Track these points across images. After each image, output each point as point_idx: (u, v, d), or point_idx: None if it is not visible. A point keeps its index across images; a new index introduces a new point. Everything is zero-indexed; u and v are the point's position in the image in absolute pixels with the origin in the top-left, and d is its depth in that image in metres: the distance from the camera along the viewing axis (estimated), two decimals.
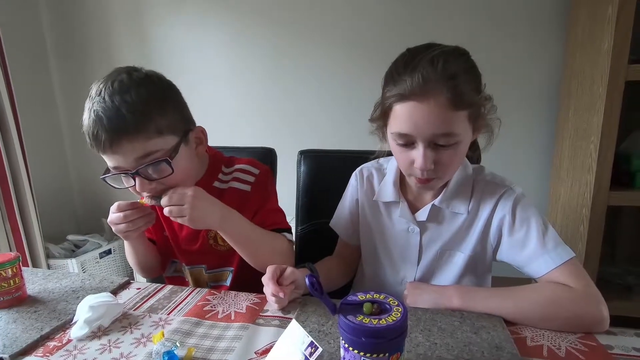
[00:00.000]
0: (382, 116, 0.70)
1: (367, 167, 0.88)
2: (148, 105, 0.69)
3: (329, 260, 0.89)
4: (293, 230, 0.98)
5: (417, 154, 0.66)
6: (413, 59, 0.64)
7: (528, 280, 0.71)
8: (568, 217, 1.47)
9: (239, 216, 0.77)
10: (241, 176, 0.85)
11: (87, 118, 0.69)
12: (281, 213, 0.88)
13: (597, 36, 1.28)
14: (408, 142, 0.67)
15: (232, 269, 0.90)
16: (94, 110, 0.68)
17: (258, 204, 0.84)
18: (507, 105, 0.74)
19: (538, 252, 0.67)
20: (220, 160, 0.87)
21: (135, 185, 0.71)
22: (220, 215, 0.73)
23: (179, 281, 0.95)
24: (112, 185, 0.75)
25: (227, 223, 0.75)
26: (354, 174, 0.89)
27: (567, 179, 1.50)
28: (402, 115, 0.65)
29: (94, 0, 2.05)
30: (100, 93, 0.68)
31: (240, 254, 0.79)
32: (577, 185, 1.41)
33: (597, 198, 1.30)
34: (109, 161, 0.71)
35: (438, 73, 0.61)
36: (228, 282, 0.91)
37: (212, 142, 1.08)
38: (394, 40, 1.74)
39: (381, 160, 0.88)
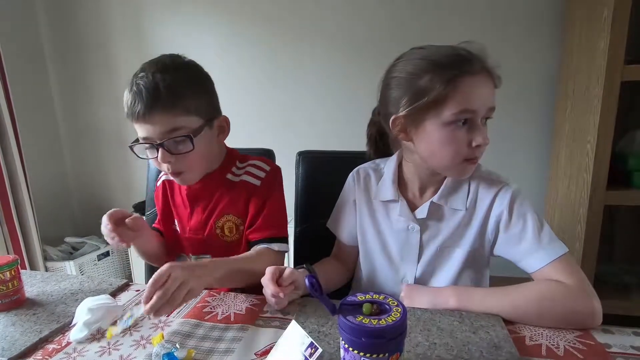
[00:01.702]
0: (432, 103, 0.67)
1: (363, 167, 0.88)
2: (182, 87, 0.76)
3: (326, 262, 0.90)
4: (291, 231, 0.98)
5: (479, 131, 0.68)
6: (452, 47, 0.69)
7: (526, 279, 0.72)
8: (565, 216, 1.48)
9: (214, 265, 0.74)
10: (253, 171, 0.89)
11: (129, 90, 0.76)
12: (280, 218, 0.89)
13: (593, 37, 1.29)
14: (465, 120, 0.67)
15: None
16: (136, 84, 0.75)
17: (263, 199, 0.86)
18: (504, 105, 0.75)
19: (533, 247, 0.69)
20: (235, 156, 0.92)
21: (157, 157, 0.77)
22: (199, 277, 0.68)
23: None
24: (136, 154, 0.80)
25: (207, 279, 0.71)
26: (350, 174, 0.89)
27: (564, 178, 1.50)
28: (470, 90, 0.66)
29: (91, 2, 2.05)
30: (144, 70, 0.76)
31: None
32: (574, 185, 1.42)
33: (594, 197, 1.30)
34: (140, 131, 0.77)
35: (479, 48, 0.68)
36: None
37: None
38: (392, 40, 1.75)
39: (377, 160, 0.88)
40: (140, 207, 2.02)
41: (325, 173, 1.06)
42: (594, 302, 0.62)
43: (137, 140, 0.79)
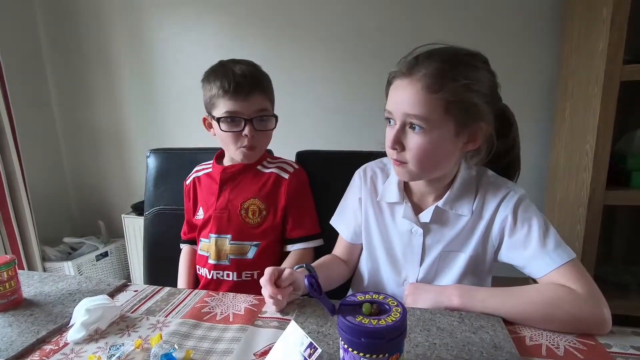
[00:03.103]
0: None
1: (370, 166, 0.88)
2: (269, 80, 0.96)
3: (327, 259, 0.89)
4: None
5: (389, 132, 0.70)
6: (410, 52, 0.70)
7: (527, 280, 0.71)
8: (565, 216, 1.48)
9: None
10: (284, 166, 1.01)
11: (225, 76, 0.89)
12: (311, 216, 1.00)
13: (592, 37, 1.29)
14: (392, 119, 0.71)
15: (256, 243, 0.96)
16: (238, 69, 0.90)
17: (294, 194, 0.98)
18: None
19: (538, 253, 0.67)
20: (265, 153, 1.04)
21: (243, 130, 0.90)
22: None
23: (202, 261, 0.99)
24: (219, 126, 0.92)
25: None
26: (357, 172, 0.89)
27: (564, 178, 1.50)
28: (390, 93, 0.71)
29: (90, 3, 2.04)
30: (237, 64, 0.91)
31: None
32: (573, 185, 1.42)
33: (594, 197, 1.30)
34: (233, 106, 0.89)
35: (429, 56, 0.67)
36: (250, 256, 0.96)
37: (210, 143, 1.08)
38: (390, 41, 1.75)
39: (385, 159, 0.88)
40: (139, 208, 2.01)
41: (324, 173, 1.05)
42: (603, 310, 0.60)
43: (221, 118, 0.91)
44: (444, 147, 0.69)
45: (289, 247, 0.98)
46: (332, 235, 0.93)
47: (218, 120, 0.91)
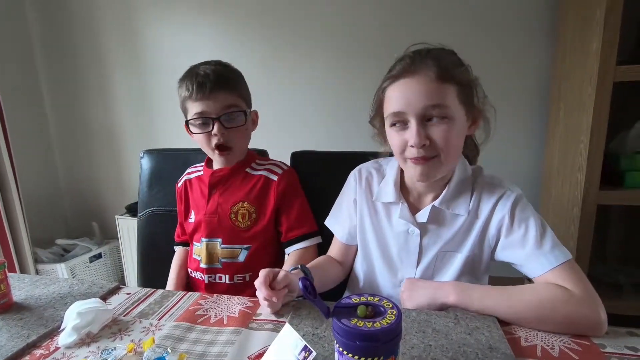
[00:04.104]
0: (378, 108, 0.75)
1: (366, 167, 0.87)
2: (236, 76, 0.95)
3: (322, 260, 0.88)
4: None
5: (410, 131, 0.68)
6: (403, 53, 0.71)
7: (522, 280, 0.71)
8: (559, 216, 1.48)
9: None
10: (272, 168, 1.00)
11: (190, 78, 0.89)
12: (306, 214, 0.98)
13: (586, 38, 1.30)
14: (402, 122, 0.69)
15: (247, 246, 0.95)
16: (202, 70, 0.89)
17: (286, 195, 0.96)
18: (498, 106, 0.75)
19: (534, 253, 0.67)
20: (255, 155, 1.04)
21: (212, 130, 0.90)
22: None
23: (195, 264, 0.99)
24: (190, 130, 0.93)
25: None
26: (352, 173, 0.88)
27: (558, 178, 1.51)
28: (394, 95, 0.70)
29: (83, 2, 2.02)
30: (202, 64, 0.92)
31: None
32: (567, 185, 1.42)
33: (587, 197, 1.31)
34: (199, 107, 0.89)
35: (424, 54, 0.68)
36: (241, 259, 0.95)
37: None
38: (386, 43, 1.75)
39: (380, 160, 0.87)
40: (132, 209, 2.00)
41: (319, 173, 1.05)
42: (599, 311, 0.60)
43: (190, 120, 0.91)
44: (462, 133, 0.72)
45: (289, 249, 0.97)
46: (327, 236, 0.92)
47: (188, 123, 0.92)
